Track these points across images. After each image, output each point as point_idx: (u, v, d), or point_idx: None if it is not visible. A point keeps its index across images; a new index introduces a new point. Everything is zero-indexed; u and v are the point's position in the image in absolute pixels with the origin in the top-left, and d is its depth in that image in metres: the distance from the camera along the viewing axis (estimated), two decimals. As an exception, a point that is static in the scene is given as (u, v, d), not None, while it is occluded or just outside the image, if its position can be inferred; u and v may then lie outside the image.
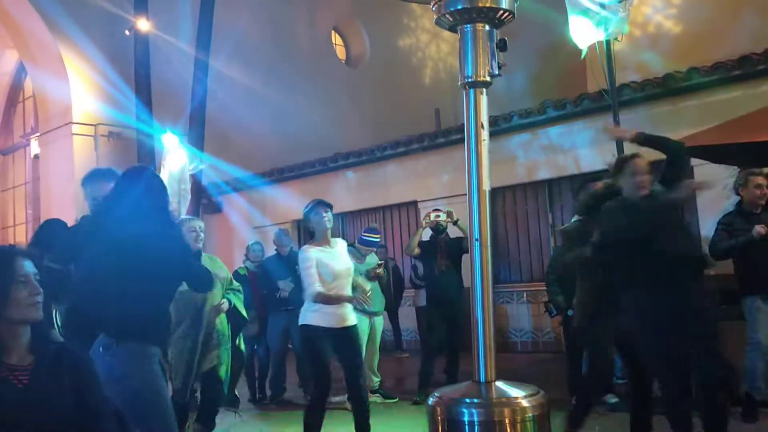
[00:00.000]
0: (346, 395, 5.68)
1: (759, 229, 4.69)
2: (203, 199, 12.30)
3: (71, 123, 12.47)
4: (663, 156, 3.93)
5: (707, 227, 6.55)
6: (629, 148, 6.16)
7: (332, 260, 4.50)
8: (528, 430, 2.17)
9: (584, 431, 4.27)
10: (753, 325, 4.87)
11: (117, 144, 12.69)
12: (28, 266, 2.10)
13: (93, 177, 3.73)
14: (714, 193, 5.50)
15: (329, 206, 4.59)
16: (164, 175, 7.69)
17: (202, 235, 4.81)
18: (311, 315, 4.47)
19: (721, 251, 4.96)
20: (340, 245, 4.68)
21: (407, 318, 10.33)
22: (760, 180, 4.97)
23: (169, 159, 7.80)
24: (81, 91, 12.53)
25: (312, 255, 4.42)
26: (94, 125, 12.66)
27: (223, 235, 13.09)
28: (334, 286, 4.45)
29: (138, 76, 11.58)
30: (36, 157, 14.52)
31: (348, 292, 4.61)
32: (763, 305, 4.85)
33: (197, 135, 11.41)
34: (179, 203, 7.39)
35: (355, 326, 4.63)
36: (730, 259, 5.02)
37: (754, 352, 4.86)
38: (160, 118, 10.92)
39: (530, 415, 2.17)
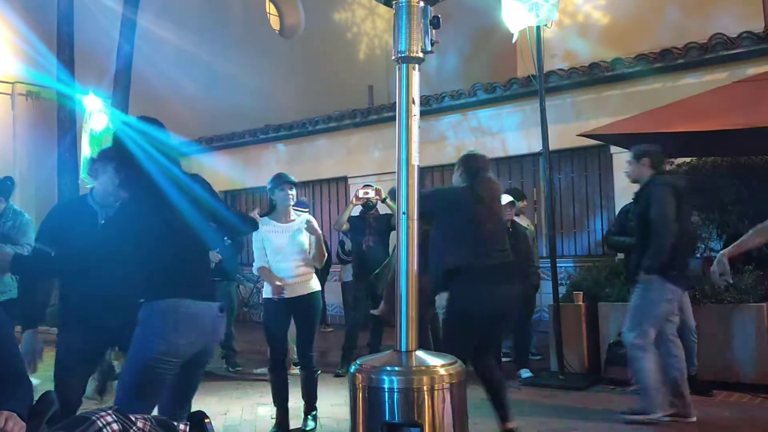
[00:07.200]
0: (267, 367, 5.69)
1: None
2: (126, 166, 11.93)
3: (-14, 80, 11.89)
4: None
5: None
6: (553, 136, 6.36)
7: (278, 236, 4.68)
8: (445, 397, 2.24)
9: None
10: None
11: (36, 104, 12.17)
12: None
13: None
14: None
15: (294, 184, 4.77)
16: (85, 139, 7.43)
17: None
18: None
19: (610, 244, 5.98)
20: (299, 222, 4.76)
21: (332, 293, 10.36)
22: None
23: (91, 122, 7.53)
24: (-2, 47, 11.92)
25: (261, 231, 4.59)
26: (12, 83, 12.07)
27: (147, 203, 12.74)
28: (278, 260, 4.64)
29: (60, 34, 11.06)
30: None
31: (293, 265, 4.66)
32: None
33: (122, 97, 11.02)
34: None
35: (309, 295, 4.71)
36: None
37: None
38: (83, 79, 10.49)
39: (448, 383, 2.25)
